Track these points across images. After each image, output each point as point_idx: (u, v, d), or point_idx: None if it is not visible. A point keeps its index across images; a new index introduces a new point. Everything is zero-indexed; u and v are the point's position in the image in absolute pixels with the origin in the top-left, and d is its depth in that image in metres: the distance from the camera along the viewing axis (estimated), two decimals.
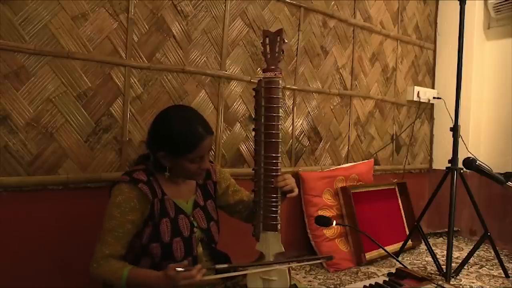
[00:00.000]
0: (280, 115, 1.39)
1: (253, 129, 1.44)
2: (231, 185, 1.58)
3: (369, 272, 2.32)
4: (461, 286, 2.15)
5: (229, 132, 2.19)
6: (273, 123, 1.38)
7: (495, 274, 2.36)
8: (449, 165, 2.37)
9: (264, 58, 1.42)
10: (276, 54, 1.39)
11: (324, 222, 1.68)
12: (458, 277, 2.27)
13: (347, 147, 2.84)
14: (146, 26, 1.87)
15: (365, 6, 2.88)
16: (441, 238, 3.13)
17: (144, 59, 1.87)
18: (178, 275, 1.15)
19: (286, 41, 1.40)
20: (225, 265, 1.29)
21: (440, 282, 1.41)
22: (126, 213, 1.28)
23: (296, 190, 1.42)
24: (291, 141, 2.50)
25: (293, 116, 2.50)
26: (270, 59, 1.40)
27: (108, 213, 1.30)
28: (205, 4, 2.06)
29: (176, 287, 1.15)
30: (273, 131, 1.38)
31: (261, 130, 1.40)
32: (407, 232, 2.76)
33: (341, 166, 2.75)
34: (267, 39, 1.41)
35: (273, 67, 1.39)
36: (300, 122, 2.55)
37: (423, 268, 2.44)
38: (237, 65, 2.20)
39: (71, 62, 1.66)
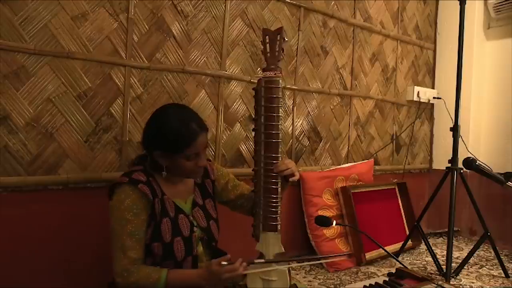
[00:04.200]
0: (280, 115, 1.37)
1: (253, 129, 1.43)
2: (230, 180, 1.58)
3: (369, 272, 2.32)
4: (461, 286, 2.15)
5: (229, 132, 2.19)
6: (273, 123, 1.37)
7: (495, 274, 2.36)
8: (449, 165, 2.37)
9: (264, 57, 1.40)
10: (276, 53, 1.37)
11: (324, 222, 1.67)
12: (458, 277, 2.27)
13: (347, 147, 2.83)
14: (146, 26, 1.86)
15: (365, 6, 2.88)
16: (441, 238, 3.13)
17: (144, 59, 1.87)
18: (222, 269, 1.18)
19: (286, 39, 1.38)
20: (262, 260, 1.32)
21: (440, 282, 1.40)
22: (139, 214, 1.28)
23: (297, 174, 1.41)
24: (291, 141, 2.50)
25: (293, 116, 2.50)
26: (270, 58, 1.38)
27: (119, 218, 1.26)
28: (205, 4, 2.06)
29: (220, 281, 1.19)
30: (273, 131, 1.37)
31: (261, 130, 1.38)
32: (407, 232, 2.75)
33: (341, 166, 2.75)
34: (267, 38, 1.39)
35: (273, 66, 1.37)
36: (300, 122, 2.55)
37: (423, 268, 2.44)
38: (237, 65, 2.20)
39: (71, 62, 1.66)
